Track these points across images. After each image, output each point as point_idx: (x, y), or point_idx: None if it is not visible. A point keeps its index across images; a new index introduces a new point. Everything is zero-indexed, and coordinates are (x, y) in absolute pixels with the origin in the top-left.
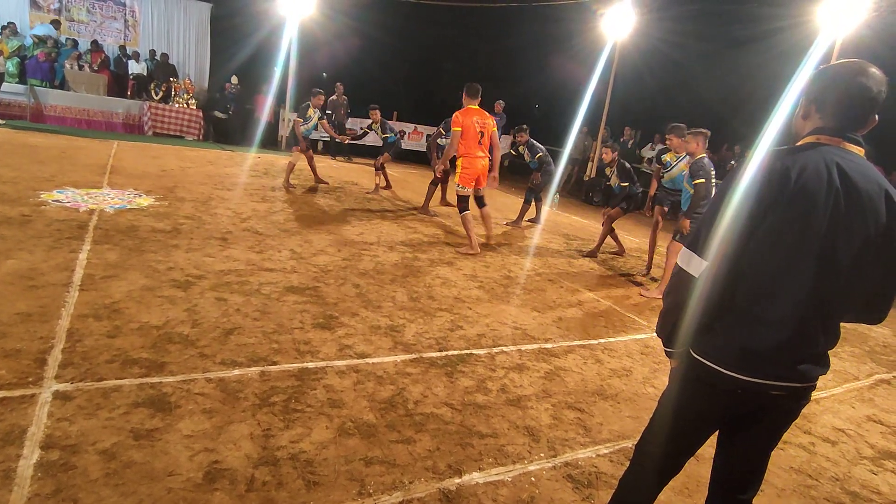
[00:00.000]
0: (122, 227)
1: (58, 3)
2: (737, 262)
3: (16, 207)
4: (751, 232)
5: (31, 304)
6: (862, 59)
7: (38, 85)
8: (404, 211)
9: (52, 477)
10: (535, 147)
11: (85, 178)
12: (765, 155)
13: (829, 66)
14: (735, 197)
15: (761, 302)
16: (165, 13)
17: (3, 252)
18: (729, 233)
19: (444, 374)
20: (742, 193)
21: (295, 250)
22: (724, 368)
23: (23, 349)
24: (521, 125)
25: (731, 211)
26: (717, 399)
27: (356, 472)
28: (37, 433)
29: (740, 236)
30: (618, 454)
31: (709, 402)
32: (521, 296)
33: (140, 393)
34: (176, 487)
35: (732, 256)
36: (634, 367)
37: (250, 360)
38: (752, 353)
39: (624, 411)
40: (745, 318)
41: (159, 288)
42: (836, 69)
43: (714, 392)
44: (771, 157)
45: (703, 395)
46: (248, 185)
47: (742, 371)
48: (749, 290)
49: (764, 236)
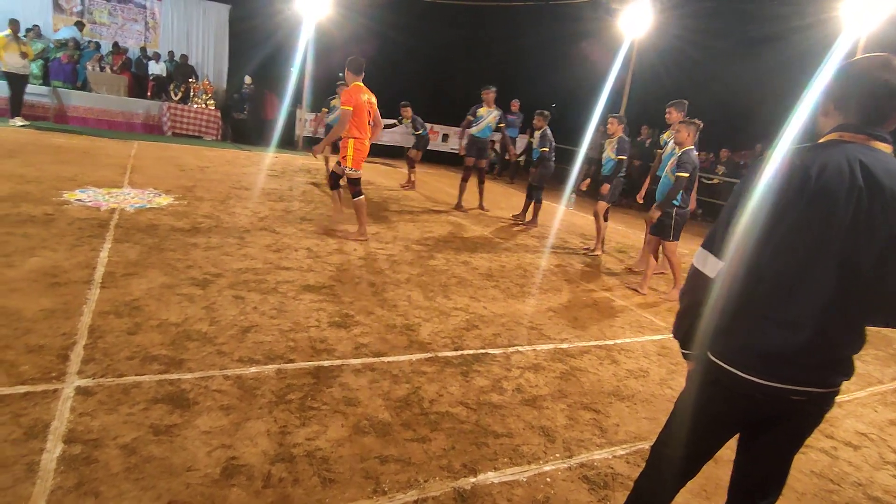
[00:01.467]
0: (142, 225)
1: (80, 6)
2: (754, 262)
3: (39, 206)
4: (769, 232)
5: (55, 300)
6: (886, 53)
7: (60, 86)
8: (420, 210)
9: (74, 470)
10: (546, 139)
11: (106, 177)
12: (784, 153)
13: (852, 60)
14: (753, 196)
15: (780, 303)
16: (185, 15)
17: (27, 250)
18: (746, 233)
19: (460, 374)
20: (760, 192)
21: (311, 249)
22: (742, 372)
23: (46, 345)
24: (544, 111)
25: (749, 210)
26: (736, 403)
27: (371, 470)
28: (59, 427)
29: (758, 236)
30: (634, 455)
31: (727, 405)
32: (536, 295)
33: (159, 389)
34: (194, 482)
35: (750, 257)
36: (651, 368)
37: (267, 358)
38: (771, 357)
39: (640, 412)
40: (763, 319)
41: (178, 286)
42: (859, 64)
43: (732, 396)
44: (790, 156)
45: (720, 399)
46: (265, 184)
47: (761, 375)
48: (767, 292)
49: (782, 236)
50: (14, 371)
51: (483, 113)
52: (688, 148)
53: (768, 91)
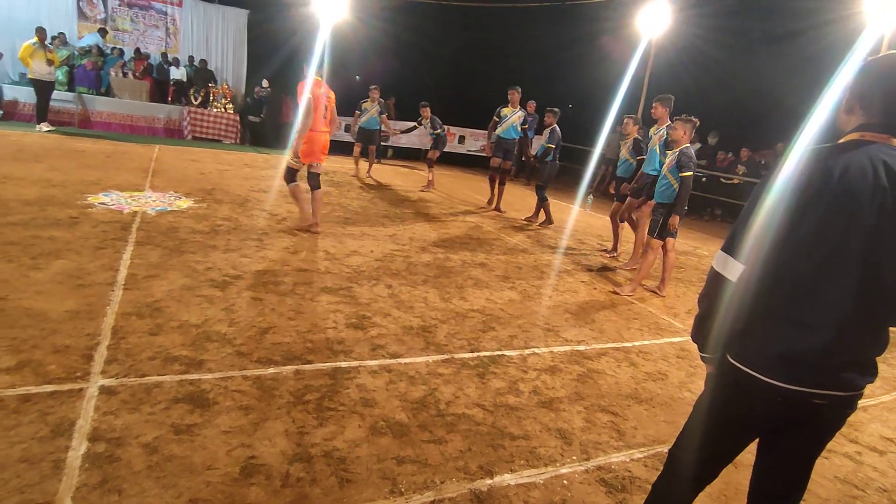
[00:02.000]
0: (163, 228)
1: (103, 14)
2: (774, 264)
3: (65, 210)
4: (789, 233)
5: (79, 302)
6: None
7: (85, 92)
8: (437, 212)
9: (98, 468)
10: (555, 135)
11: (128, 181)
12: (804, 154)
13: (875, 58)
14: (773, 197)
15: (801, 306)
16: (204, 20)
17: (53, 252)
18: (766, 234)
19: (476, 375)
20: (780, 194)
21: (329, 251)
22: (762, 375)
23: (71, 345)
24: (554, 108)
25: (769, 212)
26: (756, 406)
27: (388, 471)
28: (84, 426)
29: (778, 238)
30: (652, 459)
31: (746, 409)
32: (553, 297)
33: (180, 389)
34: (214, 481)
35: (770, 259)
36: (670, 370)
37: (285, 359)
38: (792, 360)
39: (659, 416)
40: (783, 322)
41: (198, 287)
42: (882, 61)
43: (752, 399)
44: (811, 157)
45: (740, 402)
46: (282, 186)
47: (781, 378)
48: (788, 294)
49: (802, 238)
50: (41, 370)
51: (507, 113)
52: (685, 146)
53: (789, 89)
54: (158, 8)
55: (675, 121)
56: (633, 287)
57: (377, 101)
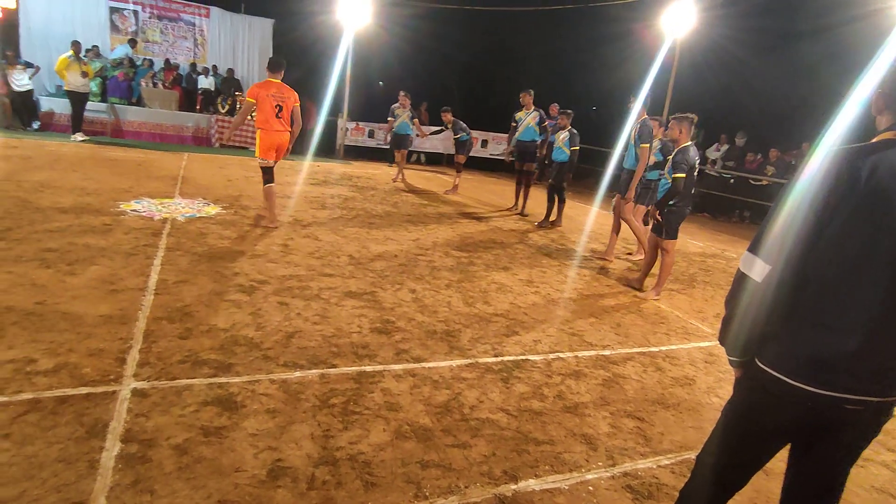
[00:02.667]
0: (192, 234)
1: (134, 27)
2: (801, 266)
3: (99, 217)
4: (817, 234)
5: (113, 306)
6: None
7: (117, 103)
8: (460, 216)
9: (131, 469)
10: (574, 139)
11: (159, 188)
12: (830, 154)
13: None
14: (799, 198)
15: (829, 308)
16: (231, 30)
17: (87, 259)
18: (793, 235)
19: (500, 380)
20: (806, 194)
21: (353, 256)
22: (792, 379)
23: (105, 349)
24: (567, 110)
25: (795, 213)
26: (785, 412)
27: (413, 475)
28: (117, 427)
29: (806, 239)
30: (680, 466)
31: (776, 414)
32: (578, 301)
33: (209, 392)
34: (242, 483)
35: (798, 260)
36: (698, 376)
37: (311, 363)
38: (821, 363)
39: (686, 422)
40: (811, 325)
41: (226, 292)
42: None
43: (781, 404)
44: (838, 157)
45: (769, 408)
46: (307, 192)
47: (811, 382)
48: (815, 296)
49: (830, 239)
50: (77, 373)
51: (521, 116)
52: (684, 145)
53: (817, 87)
54: (187, 19)
55: (671, 120)
56: (657, 291)
57: (409, 106)
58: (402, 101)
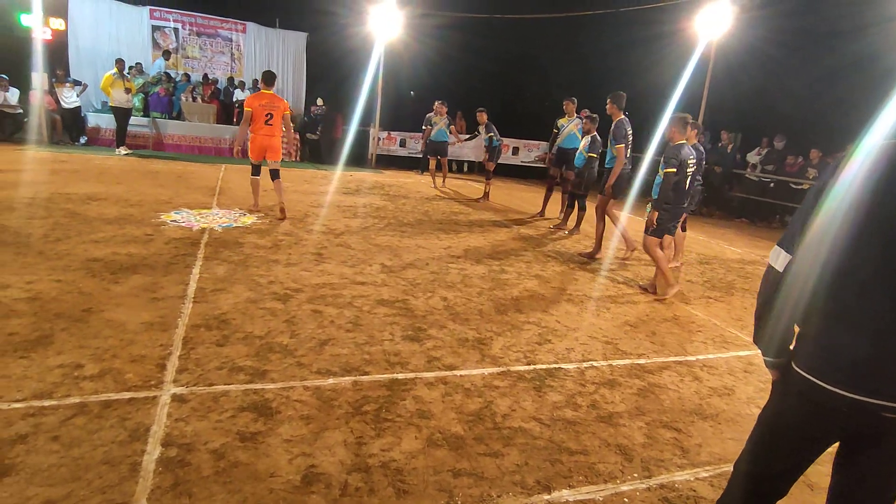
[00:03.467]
0: (229, 243)
1: (175, 43)
2: (838, 263)
3: (141, 228)
4: (856, 231)
5: (153, 314)
6: None
7: (158, 117)
8: (492, 223)
9: (170, 472)
10: (596, 143)
11: (197, 199)
12: (875, 149)
13: None
14: (838, 193)
15: (867, 309)
16: (266, 44)
17: (130, 267)
18: (829, 231)
19: (533, 388)
20: (847, 189)
21: (385, 264)
22: (827, 383)
23: (147, 355)
24: (593, 115)
25: (833, 208)
26: (822, 418)
27: (444, 483)
28: (158, 431)
29: (843, 236)
30: (719, 479)
31: (812, 420)
32: (612, 309)
33: (245, 398)
34: (277, 488)
35: (833, 258)
36: (737, 385)
37: (344, 370)
38: (858, 367)
39: (725, 433)
40: (849, 327)
41: (262, 300)
42: None
43: (818, 409)
44: (882, 152)
45: (805, 413)
46: (340, 202)
47: (847, 387)
48: (853, 296)
49: (872, 234)
50: (121, 378)
51: (564, 122)
52: (678, 143)
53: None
54: (224, 35)
55: (670, 119)
56: (673, 289)
57: (445, 114)
58: (440, 109)
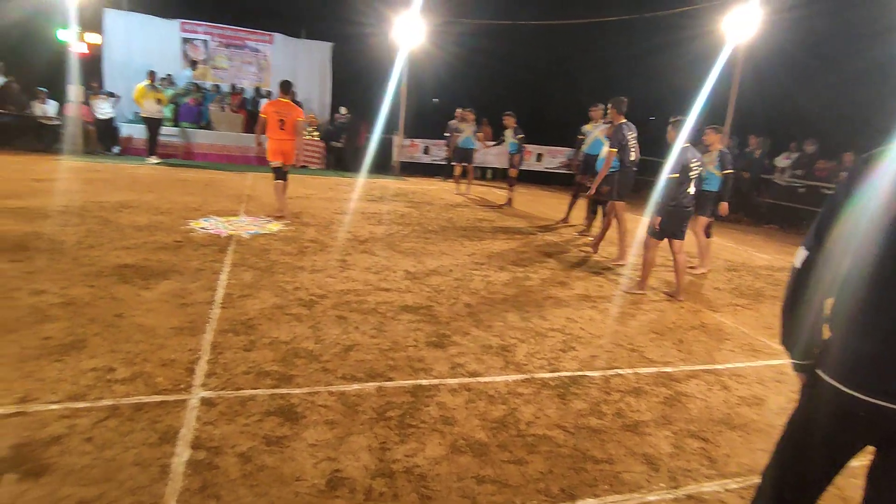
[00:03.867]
0: (256, 250)
1: (204, 55)
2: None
3: (171, 235)
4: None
5: (183, 319)
6: None
7: (188, 127)
8: (515, 230)
9: (199, 474)
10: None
11: (225, 207)
12: None
13: None
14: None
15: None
16: (293, 54)
17: (161, 273)
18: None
19: (557, 396)
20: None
21: (409, 271)
22: (850, 389)
23: (176, 359)
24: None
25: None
26: (847, 423)
27: (468, 490)
28: (187, 434)
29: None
30: (749, 490)
31: (838, 427)
32: (637, 316)
33: (271, 403)
34: (302, 492)
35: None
36: (767, 395)
37: (368, 376)
38: (883, 372)
39: (755, 443)
40: (873, 330)
41: (287, 306)
42: None
43: (843, 416)
44: None
45: (830, 419)
46: (364, 209)
47: (870, 392)
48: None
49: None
50: (152, 382)
51: (589, 129)
52: (681, 147)
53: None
54: (251, 46)
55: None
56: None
57: (472, 121)
58: (467, 116)
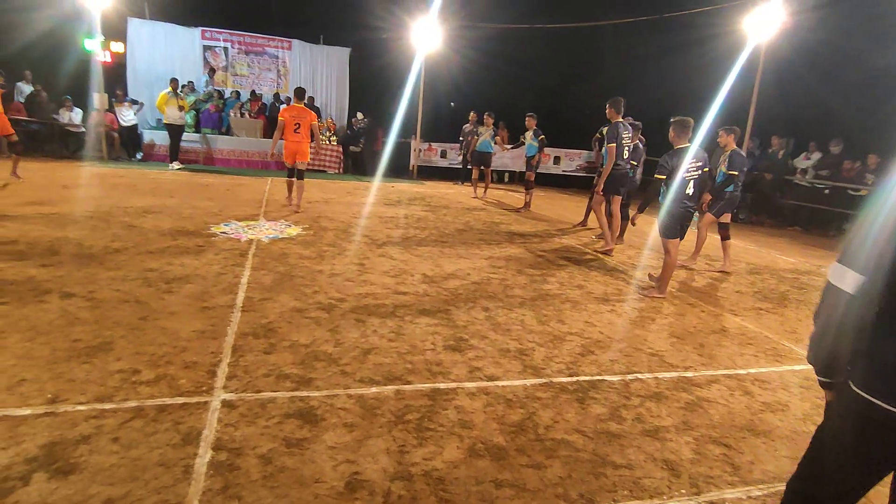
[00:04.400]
0: (276, 254)
1: (225, 62)
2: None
3: (193, 239)
4: None
5: (205, 322)
6: None
7: (209, 133)
8: (532, 233)
9: (221, 475)
10: (637, 152)
11: (245, 211)
12: None
13: None
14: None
15: None
16: (311, 60)
17: (183, 277)
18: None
19: (575, 400)
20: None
21: (427, 274)
22: (887, 403)
23: (198, 362)
24: (636, 122)
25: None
26: (882, 438)
27: (486, 494)
28: (209, 436)
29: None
30: (773, 498)
31: (872, 441)
32: (657, 320)
33: (291, 405)
34: (322, 494)
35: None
36: (792, 401)
37: (386, 379)
38: None
39: (780, 450)
40: None
41: (307, 310)
42: None
43: (878, 430)
44: None
45: (864, 434)
46: (382, 213)
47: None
48: None
49: None
50: (174, 384)
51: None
52: (676, 148)
53: None
54: (271, 53)
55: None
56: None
57: (491, 125)
58: (486, 120)
